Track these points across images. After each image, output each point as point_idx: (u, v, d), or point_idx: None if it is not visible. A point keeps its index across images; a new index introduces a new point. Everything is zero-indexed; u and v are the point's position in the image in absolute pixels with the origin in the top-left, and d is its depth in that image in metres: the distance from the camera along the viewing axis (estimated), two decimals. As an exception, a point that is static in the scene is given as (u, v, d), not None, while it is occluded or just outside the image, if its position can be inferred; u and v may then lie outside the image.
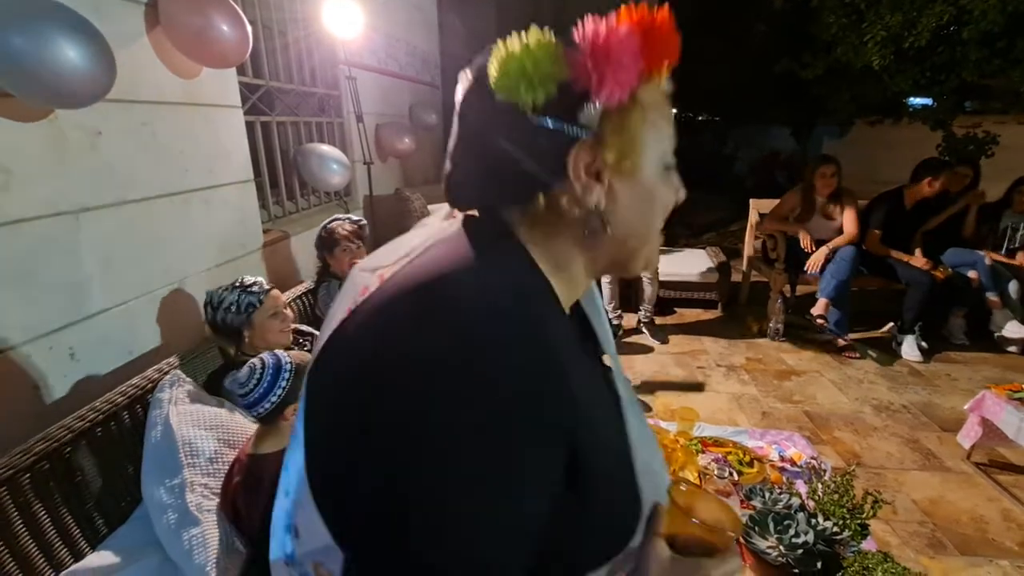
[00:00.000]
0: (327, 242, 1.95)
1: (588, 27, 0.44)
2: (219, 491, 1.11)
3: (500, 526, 0.36)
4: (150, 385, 1.29)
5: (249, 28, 1.63)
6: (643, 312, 3.42)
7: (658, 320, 3.57)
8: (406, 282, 0.41)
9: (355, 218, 2.02)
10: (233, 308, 1.44)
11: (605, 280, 3.30)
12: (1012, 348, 3.08)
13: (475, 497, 0.35)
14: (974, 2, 4.02)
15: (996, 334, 3.14)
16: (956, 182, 3.31)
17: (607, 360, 0.59)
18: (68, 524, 1.07)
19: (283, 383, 1.05)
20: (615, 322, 3.39)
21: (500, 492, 0.36)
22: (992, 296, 3.08)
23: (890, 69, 4.84)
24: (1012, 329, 3.04)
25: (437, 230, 0.49)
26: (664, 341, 3.34)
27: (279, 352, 1.10)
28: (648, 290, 3.36)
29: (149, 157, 1.54)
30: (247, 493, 1.03)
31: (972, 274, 3.11)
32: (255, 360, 1.08)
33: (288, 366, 1.07)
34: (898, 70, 4.91)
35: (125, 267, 1.47)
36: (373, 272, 0.45)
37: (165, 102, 1.60)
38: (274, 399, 1.04)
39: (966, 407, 2.09)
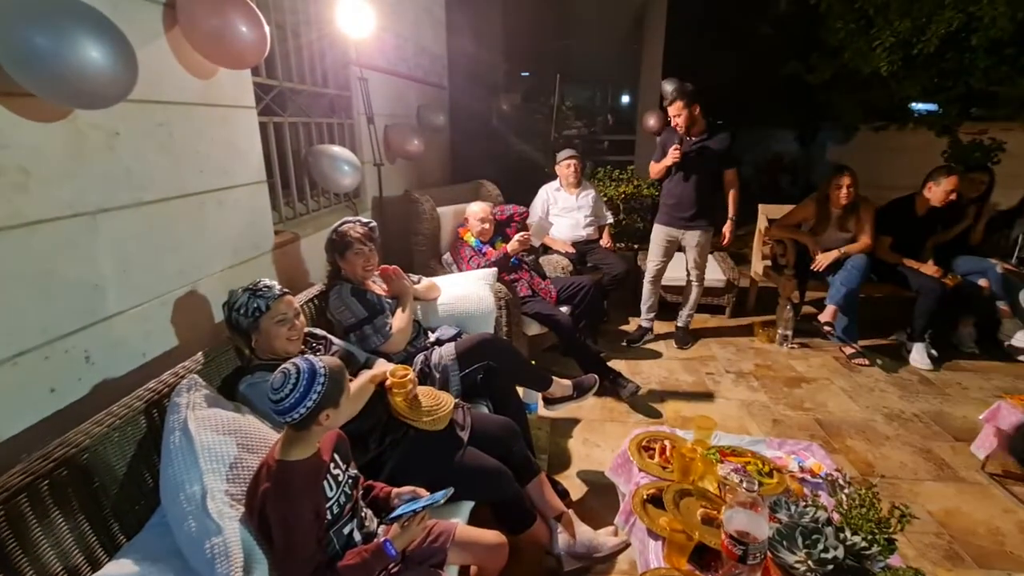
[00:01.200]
0: (339, 245, 1.92)
1: None
2: (241, 498, 1.10)
3: None
4: (167, 389, 1.28)
5: (267, 29, 1.62)
6: (684, 316, 3.39)
7: (665, 325, 3.56)
8: None
9: (365, 220, 2.00)
10: (243, 311, 1.42)
11: (649, 280, 3.33)
12: (1023, 357, 3.07)
13: None
14: (984, 9, 4.01)
15: (1006, 343, 3.13)
16: (972, 188, 3.29)
17: None
18: (86, 531, 1.05)
19: (319, 387, 1.03)
20: (646, 325, 3.40)
21: None
22: (1003, 305, 3.07)
23: (898, 75, 4.83)
24: (1022, 338, 3.04)
25: None
26: (687, 347, 3.32)
27: (309, 357, 1.08)
28: (695, 293, 3.31)
29: (165, 158, 1.53)
30: (277, 500, 1.01)
31: (983, 282, 3.10)
32: (288, 366, 1.06)
33: (323, 371, 1.05)
34: (906, 76, 4.90)
35: (141, 269, 1.45)
36: None
37: (182, 103, 1.58)
38: (309, 404, 1.02)
39: (981, 417, 2.08)
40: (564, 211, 3.60)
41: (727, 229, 3.12)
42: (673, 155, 2.96)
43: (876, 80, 5.10)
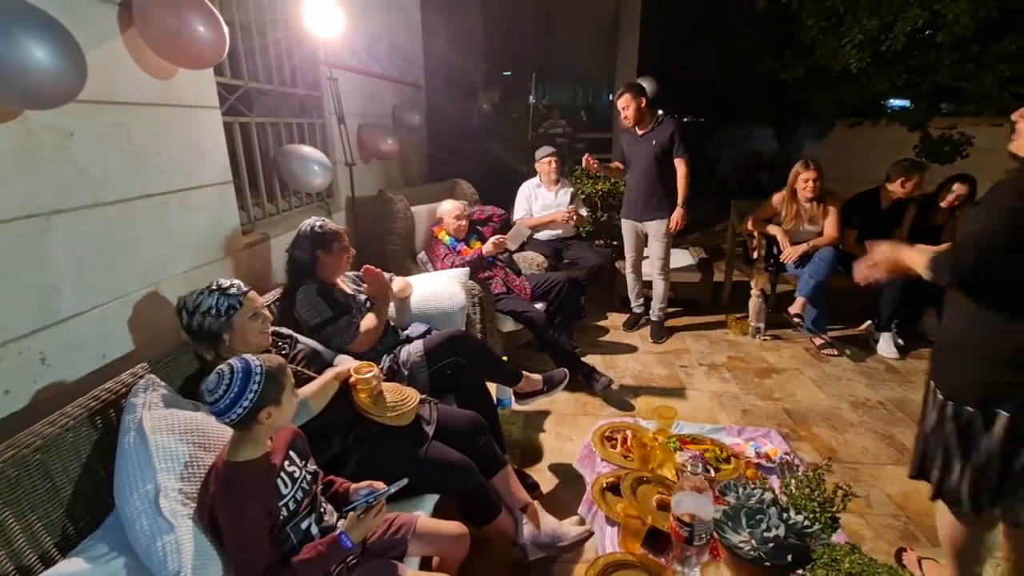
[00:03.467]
0: (323, 238, 1.90)
1: None
2: (195, 496, 1.10)
3: None
4: (124, 390, 1.28)
5: (226, 28, 1.62)
6: (656, 311, 3.46)
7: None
8: None
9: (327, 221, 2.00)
10: (212, 311, 1.42)
11: (629, 271, 3.49)
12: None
13: None
14: (947, 7, 4.11)
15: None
16: (948, 199, 3.31)
17: None
18: (38, 531, 1.05)
19: (254, 386, 1.03)
20: (638, 311, 3.57)
21: None
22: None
23: (868, 72, 4.94)
24: None
25: None
26: (661, 341, 3.37)
27: (247, 356, 1.09)
28: (660, 287, 3.39)
29: (124, 159, 1.52)
30: (226, 501, 1.02)
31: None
32: (223, 366, 1.06)
33: (258, 369, 1.05)
34: (875, 73, 5.01)
35: (99, 270, 1.44)
36: None
37: (140, 103, 1.58)
38: (246, 404, 1.02)
39: (938, 402, 2.13)
40: (544, 209, 3.62)
41: (676, 215, 3.18)
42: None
43: (848, 77, 5.21)
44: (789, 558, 1.05)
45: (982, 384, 1.24)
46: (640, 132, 3.16)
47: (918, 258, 1.32)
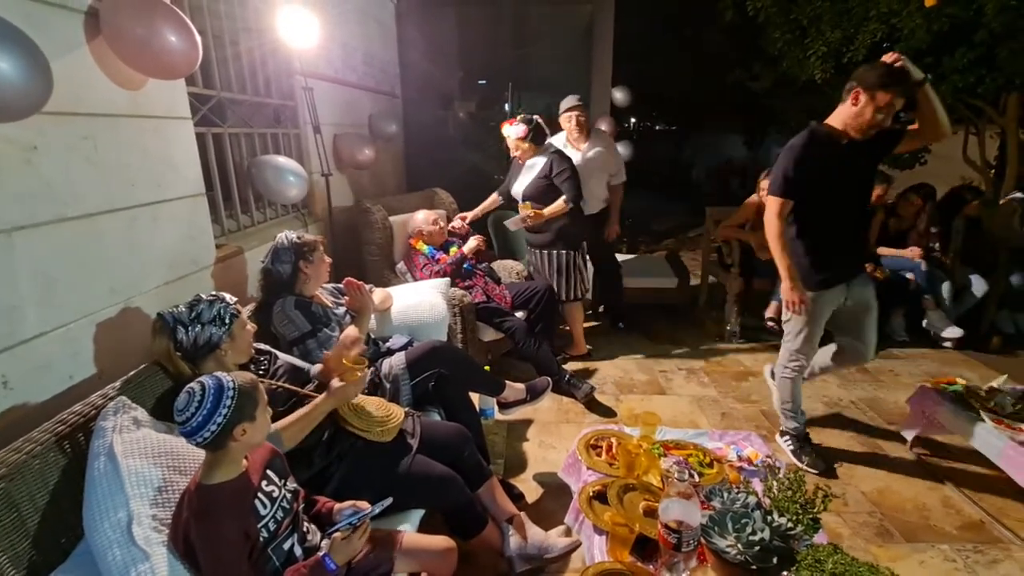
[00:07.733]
0: (303, 249, 1.86)
1: None
2: (169, 522, 1.06)
3: None
4: (93, 412, 1.22)
5: (199, 38, 1.58)
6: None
7: (621, 325, 3.64)
8: None
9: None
10: (216, 320, 1.38)
11: (794, 379, 2.22)
12: (947, 344, 3.30)
13: None
14: (904, 21, 4.31)
15: (932, 332, 3.35)
16: (906, 208, 3.43)
17: None
18: (3, 565, 0.99)
19: (228, 401, 0.99)
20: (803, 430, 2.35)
21: None
22: (928, 298, 3.29)
23: (831, 82, 5.13)
24: (948, 332, 3.27)
25: None
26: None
27: (218, 373, 1.05)
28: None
29: (91, 172, 1.47)
30: (201, 526, 0.98)
31: (909, 276, 3.32)
32: (193, 384, 1.02)
33: (231, 384, 1.02)
34: (839, 83, 5.20)
35: (66, 288, 1.39)
36: None
37: (108, 114, 1.53)
38: (220, 420, 0.98)
39: (907, 400, 2.21)
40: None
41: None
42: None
43: (813, 86, 5.40)
44: (774, 560, 1.06)
45: (573, 239, 2.95)
46: (859, 138, 1.99)
47: (555, 208, 2.85)
